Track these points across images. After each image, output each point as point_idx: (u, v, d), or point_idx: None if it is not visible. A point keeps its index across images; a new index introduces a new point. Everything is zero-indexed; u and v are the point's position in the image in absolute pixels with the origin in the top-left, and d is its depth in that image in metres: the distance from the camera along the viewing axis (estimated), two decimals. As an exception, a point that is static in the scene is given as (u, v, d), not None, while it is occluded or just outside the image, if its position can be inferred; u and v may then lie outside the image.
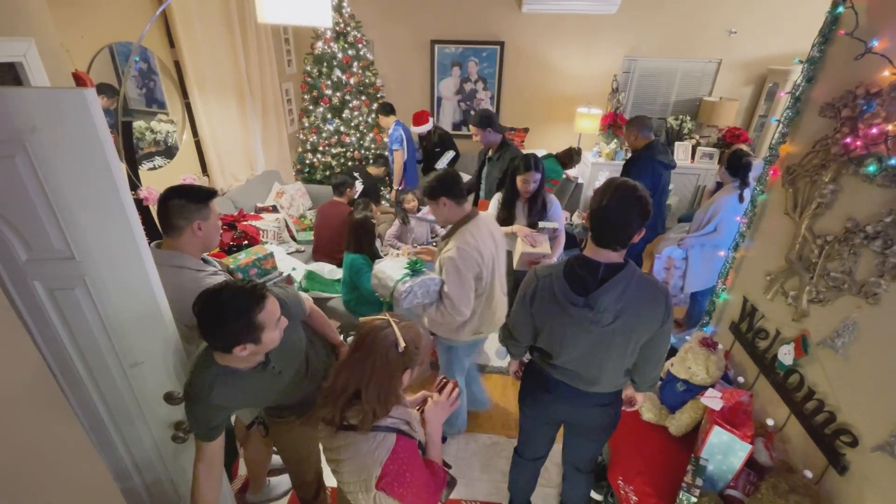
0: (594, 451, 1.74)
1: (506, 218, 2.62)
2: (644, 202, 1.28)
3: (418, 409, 1.34)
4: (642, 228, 1.30)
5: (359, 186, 3.76)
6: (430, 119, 4.25)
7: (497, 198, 2.68)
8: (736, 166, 2.67)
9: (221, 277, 1.52)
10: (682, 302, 3.11)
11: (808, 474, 1.38)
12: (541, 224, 2.54)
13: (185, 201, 1.45)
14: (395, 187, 4.23)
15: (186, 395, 1.27)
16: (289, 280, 2.18)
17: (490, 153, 3.21)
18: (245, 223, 2.95)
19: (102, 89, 2.58)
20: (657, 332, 1.36)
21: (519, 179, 2.50)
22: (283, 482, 2.19)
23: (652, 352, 1.42)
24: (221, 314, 1.12)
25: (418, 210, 3.96)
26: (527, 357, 1.70)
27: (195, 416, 1.28)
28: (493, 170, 3.17)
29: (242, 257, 1.99)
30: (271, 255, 2.05)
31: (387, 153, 4.44)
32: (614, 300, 1.30)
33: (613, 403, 1.57)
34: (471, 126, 3.17)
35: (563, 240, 2.61)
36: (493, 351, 3.15)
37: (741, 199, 2.63)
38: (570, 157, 4.06)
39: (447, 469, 1.32)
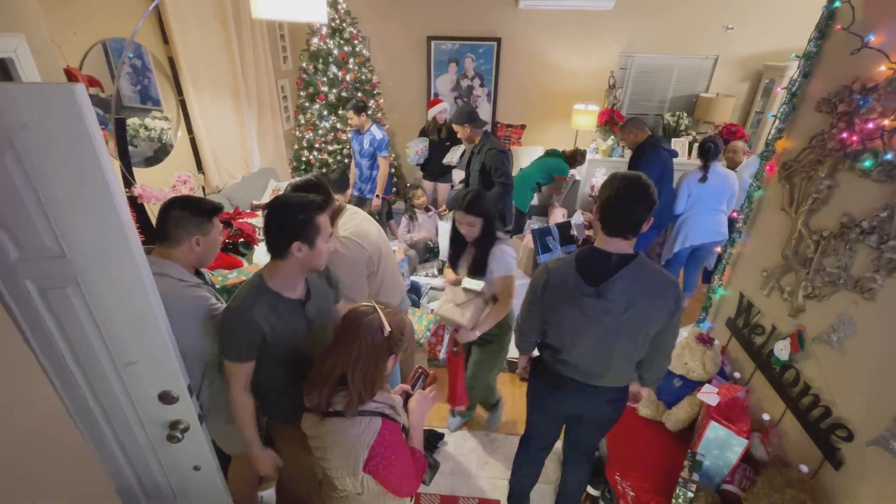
0: (598, 441, 1.82)
1: (452, 259, 2.11)
2: (649, 189, 1.31)
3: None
4: (650, 216, 1.32)
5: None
6: (443, 104, 4.22)
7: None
8: (701, 150, 3.15)
9: (203, 292, 1.48)
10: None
11: (804, 469, 1.39)
12: (464, 283, 1.93)
13: (188, 214, 1.42)
14: (379, 194, 4.05)
15: (227, 311, 1.34)
16: None
17: (474, 147, 3.28)
18: (241, 221, 2.92)
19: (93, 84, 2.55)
20: (667, 324, 1.37)
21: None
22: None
23: (662, 344, 1.42)
24: (288, 209, 1.28)
25: (427, 210, 3.94)
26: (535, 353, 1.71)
27: (231, 331, 1.33)
28: (475, 162, 3.23)
29: (232, 277, 1.81)
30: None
31: (357, 160, 4.01)
32: (625, 289, 1.32)
33: (622, 399, 1.59)
34: (453, 125, 3.20)
35: (495, 315, 1.93)
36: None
37: (704, 179, 3.11)
38: (575, 157, 4.14)
39: (430, 453, 1.35)
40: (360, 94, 4.54)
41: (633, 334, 1.38)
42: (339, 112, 4.48)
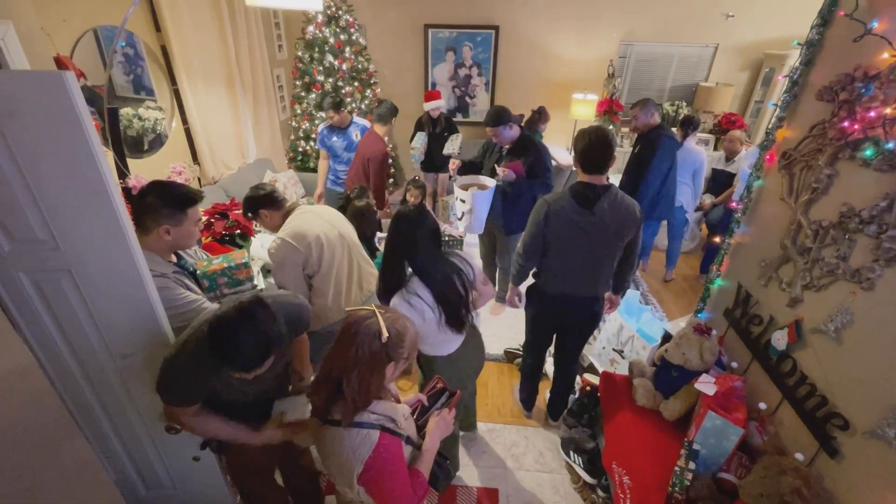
0: (582, 343, 2.29)
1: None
2: (611, 136, 1.86)
3: (413, 414, 1.33)
4: (614, 156, 1.86)
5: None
6: (439, 101, 4.09)
7: None
8: (684, 121, 3.59)
9: (166, 282, 1.43)
10: None
11: (800, 457, 1.40)
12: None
13: (161, 203, 1.39)
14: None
15: (168, 368, 1.22)
16: None
17: (510, 147, 2.93)
18: (237, 212, 2.91)
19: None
20: (634, 234, 1.94)
21: None
22: None
23: (630, 253, 2.00)
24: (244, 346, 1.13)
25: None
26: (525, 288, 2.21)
27: (179, 385, 1.23)
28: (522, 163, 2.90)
29: (216, 262, 1.77)
30: (247, 264, 1.81)
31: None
32: (608, 207, 1.86)
33: (599, 307, 2.11)
34: (487, 129, 2.86)
35: None
36: (488, 339, 3.16)
37: (679, 145, 3.32)
38: (533, 120, 4.08)
39: (445, 460, 1.33)
40: (356, 84, 4.48)
41: (613, 242, 1.92)
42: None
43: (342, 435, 1.07)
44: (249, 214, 1.99)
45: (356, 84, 4.48)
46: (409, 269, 1.59)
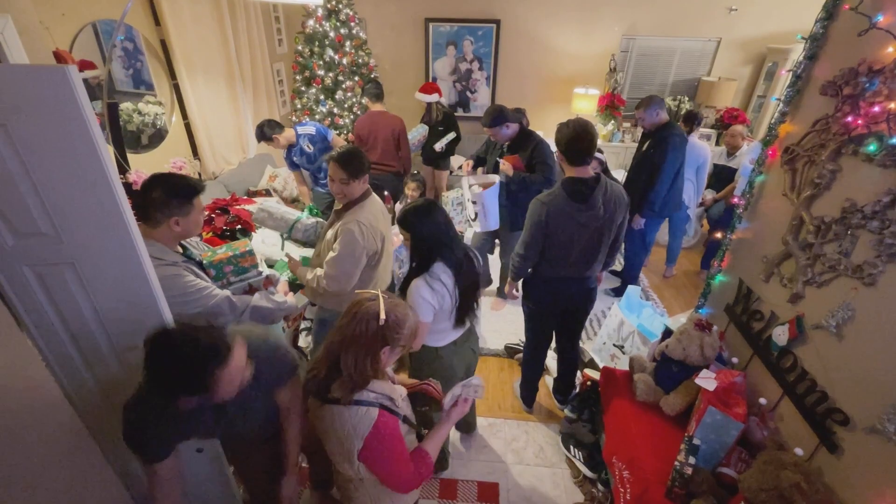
0: (581, 324, 2.35)
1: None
2: (591, 125, 1.88)
3: (416, 387, 1.36)
4: (596, 144, 1.90)
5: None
6: (436, 94, 4.01)
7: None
8: (687, 116, 3.62)
9: (177, 270, 1.45)
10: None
11: (800, 452, 1.41)
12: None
13: (168, 196, 1.42)
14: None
15: (128, 421, 1.14)
16: (267, 281, 1.93)
17: (511, 144, 2.92)
18: (238, 207, 2.90)
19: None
20: (624, 216, 2.04)
21: None
22: None
23: (620, 233, 2.09)
24: (177, 365, 1.02)
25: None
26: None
27: (145, 440, 1.16)
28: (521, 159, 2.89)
29: (220, 251, 1.81)
30: (251, 252, 1.85)
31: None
32: (602, 198, 1.92)
33: (595, 284, 2.21)
34: (485, 129, 2.84)
35: None
36: (489, 335, 3.17)
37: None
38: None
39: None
40: (357, 78, 4.46)
41: (609, 228, 2.00)
42: (336, 97, 4.41)
43: (342, 413, 1.10)
44: (351, 173, 1.86)
45: (356, 78, 4.46)
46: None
